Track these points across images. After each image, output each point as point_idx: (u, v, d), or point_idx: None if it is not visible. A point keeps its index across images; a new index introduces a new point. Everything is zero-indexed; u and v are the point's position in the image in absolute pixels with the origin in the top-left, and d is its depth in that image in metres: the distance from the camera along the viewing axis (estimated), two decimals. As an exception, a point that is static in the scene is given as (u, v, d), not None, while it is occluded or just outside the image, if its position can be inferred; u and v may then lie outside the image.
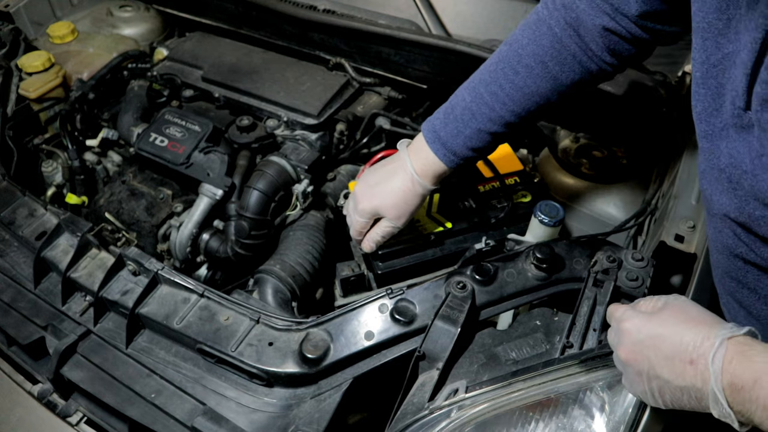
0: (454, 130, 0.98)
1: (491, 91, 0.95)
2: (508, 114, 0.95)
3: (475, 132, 0.96)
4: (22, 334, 1.04)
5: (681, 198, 1.00)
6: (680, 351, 0.62)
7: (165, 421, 0.92)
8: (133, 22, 1.77)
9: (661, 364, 0.64)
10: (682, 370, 0.62)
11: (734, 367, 0.58)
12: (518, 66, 0.93)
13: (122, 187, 1.39)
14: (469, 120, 0.97)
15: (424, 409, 0.82)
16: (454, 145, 0.98)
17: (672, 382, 0.63)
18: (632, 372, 0.69)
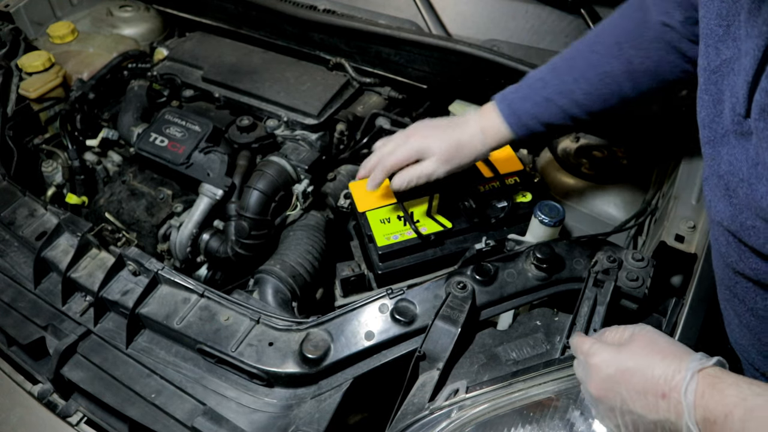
0: (523, 95, 0.99)
1: (568, 65, 0.95)
2: (578, 91, 0.94)
3: (543, 100, 0.96)
4: (23, 334, 1.04)
5: (681, 198, 1.00)
6: (652, 385, 0.62)
7: (165, 421, 0.92)
8: (133, 22, 1.77)
9: (633, 399, 0.63)
10: (655, 404, 0.61)
11: (706, 401, 0.57)
12: (596, 45, 0.93)
13: (122, 187, 1.39)
14: (540, 88, 0.97)
15: (425, 409, 0.82)
16: (520, 109, 0.98)
17: (645, 417, 0.63)
18: (604, 408, 0.67)
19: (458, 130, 1.03)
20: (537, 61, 1.29)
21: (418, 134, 1.04)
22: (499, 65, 1.28)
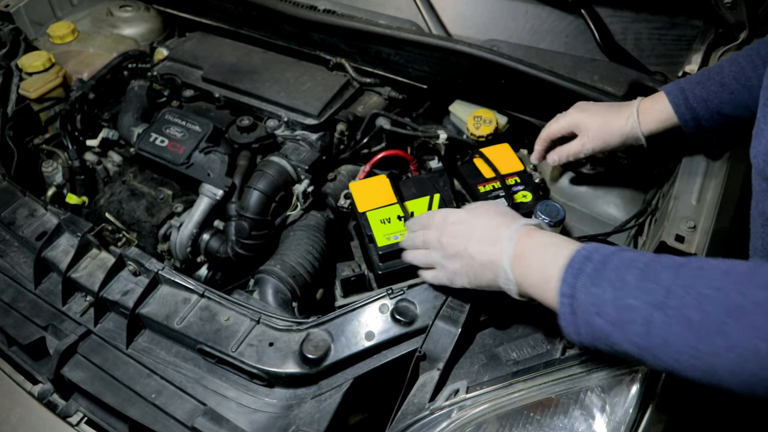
0: (697, 80, 0.96)
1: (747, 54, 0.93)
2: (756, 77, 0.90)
3: (717, 85, 0.93)
4: (23, 334, 1.04)
5: (681, 198, 1.00)
6: (488, 235, 0.79)
7: (165, 421, 0.92)
8: (133, 22, 1.77)
9: (473, 244, 0.80)
10: (487, 248, 0.78)
11: (520, 244, 0.75)
12: None
13: (122, 187, 1.39)
14: (716, 74, 0.94)
15: (425, 409, 0.82)
16: (689, 91, 0.95)
17: (477, 259, 0.79)
18: (449, 255, 0.83)
19: (614, 110, 1.03)
20: (537, 61, 1.29)
21: (577, 108, 1.07)
22: (499, 65, 1.28)
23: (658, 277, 0.61)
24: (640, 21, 1.34)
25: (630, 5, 1.34)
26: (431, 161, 1.38)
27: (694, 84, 0.96)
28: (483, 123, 1.37)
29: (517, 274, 0.75)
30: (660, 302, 0.60)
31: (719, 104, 0.94)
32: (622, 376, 0.80)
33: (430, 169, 1.37)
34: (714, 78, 0.95)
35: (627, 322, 0.62)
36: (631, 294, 0.62)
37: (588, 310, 0.65)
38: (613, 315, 0.63)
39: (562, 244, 0.73)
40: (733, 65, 0.94)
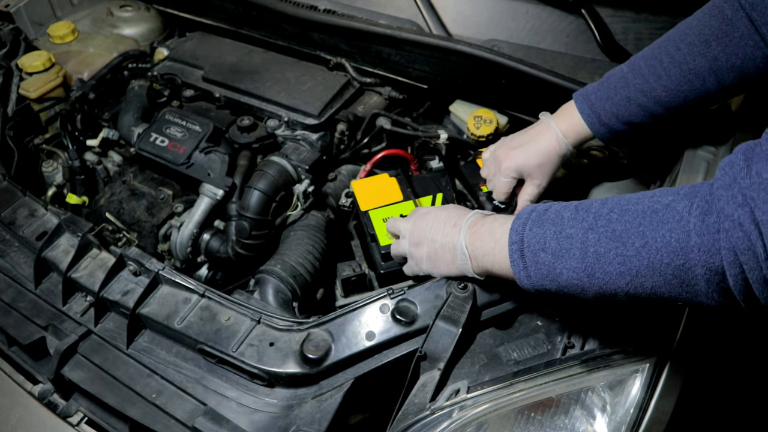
0: (605, 95, 1.01)
1: (649, 63, 0.97)
2: (660, 88, 0.95)
3: (625, 100, 0.99)
4: (23, 334, 1.04)
5: (682, 198, 1.00)
6: (449, 222, 0.90)
7: (166, 421, 0.92)
8: (134, 22, 1.77)
9: (436, 231, 0.91)
10: (448, 231, 0.89)
11: (475, 224, 0.86)
12: (681, 43, 0.94)
13: (123, 187, 1.38)
14: (622, 87, 0.99)
15: (426, 409, 0.82)
16: (600, 109, 1.01)
17: (438, 241, 0.91)
18: (415, 242, 0.95)
19: (542, 140, 1.07)
20: (537, 61, 1.29)
21: (508, 159, 1.09)
22: (499, 65, 1.28)
23: (590, 208, 0.72)
24: (641, 21, 1.34)
25: (630, 5, 1.34)
26: (432, 161, 1.38)
27: (603, 99, 1.01)
28: (483, 123, 1.37)
29: (471, 248, 0.85)
30: (591, 225, 0.69)
31: (629, 116, 1.00)
32: (623, 376, 0.80)
33: (431, 168, 1.37)
34: (620, 92, 0.99)
35: (566, 249, 0.71)
36: (568, 225, 0.72)
37: (534, 248, 0.75)
38: (555, 245, 0.72)
39: (506, 218, 0.83)
40: (636, 77, 0.98)
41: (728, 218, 0.58)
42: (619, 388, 0.79)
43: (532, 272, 0.75)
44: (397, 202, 1.17)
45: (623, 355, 0.83)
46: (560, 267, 0.72)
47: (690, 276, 0.62)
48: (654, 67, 0.96)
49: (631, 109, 0.99)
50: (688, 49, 0.93)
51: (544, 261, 0.73)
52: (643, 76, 0.97)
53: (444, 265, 0.91)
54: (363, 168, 1.36)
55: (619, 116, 1.00)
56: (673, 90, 0.95)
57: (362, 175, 1.34)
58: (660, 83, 0.96)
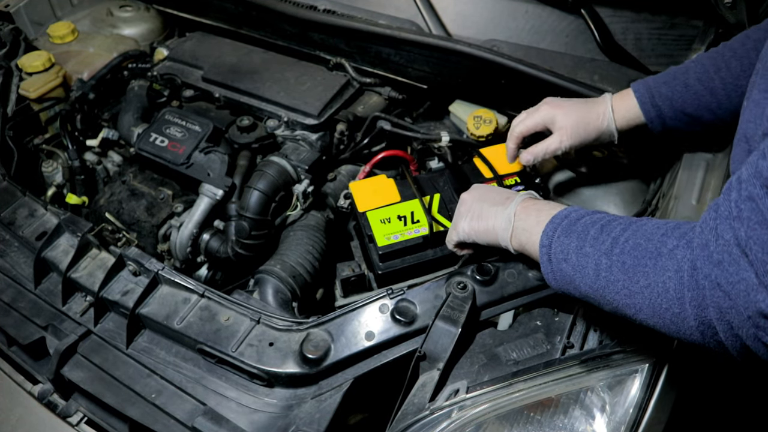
0: (663, 79, 1.00)
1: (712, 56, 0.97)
2: (718, 79, 0.94)
3: (682, 85, 0.97)
4: (23, 334, 1.04)
5: (681, 198, 1.00)
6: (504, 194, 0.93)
7: (165, 421, 0.92)
8: (133, 22, 1.77)
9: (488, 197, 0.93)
10: (500, 200, 0.91)
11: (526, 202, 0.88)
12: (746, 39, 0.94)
13: (122, 187, 1.38)
14: (682, 74, 0.98)
15: (425, 409, 0.82)
16: (656, 90, 1.00)
17: (488, 207, 0.92)
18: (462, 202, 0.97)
19: (588, 106, 1.05)
20: (537, 61, 1.29)
21: (549, 104, 1.08)
22: (499, 65, 1.28)
23: (612, 231, 0.72)
24: (640, 21, 1.34)
25: (630, 5, 1.34)
26: (431, 161, 1.38)
27: (660, 83, 1.00)
28: (483, 123, 1.37)
29: (517, 219, 0.86)
30: (607, 250, 0.71)
31: (683, 104, 0.98)
32: (623, 375, 0.80)
33: (431, 169, 1.37)
34: (679, 78, 0.98)
35: (583, 267, 0.73)
36: (588, 243, 0.73)
37: (558, 257, 0.77)
38: (575, 261, 0.74)
39: (554, 206, 0.84)
40: (698, 66, 0.98)
41: (707, 278, 0.58)
42: (618, 388, 0.79)
43: (558, 277, 0.78)
44: (395, 203, 1.17)
45: (622, 355, 0.83)
46: (578, 281, 0.74)
47: (686, 326, 0.62)
48: (715, 60, 0.96)
49: (686, 96, 0.97)
50: (753, 45, 0.92)
51: (566, 271, 0.76)
52: (703, 66, 0.96)
53: (482, 230, 0.91)
54: (362, 169, 1.35)
55: (674, 102, 0.98)
56: (730, 83, 0.93)
57: (361, 176, 1.34)
58: (719, 75, 0.94)
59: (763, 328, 0.54)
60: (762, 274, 0.53)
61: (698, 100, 0.97)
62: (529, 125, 1.09)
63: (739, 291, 0.55)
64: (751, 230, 0.54)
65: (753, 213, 0.54)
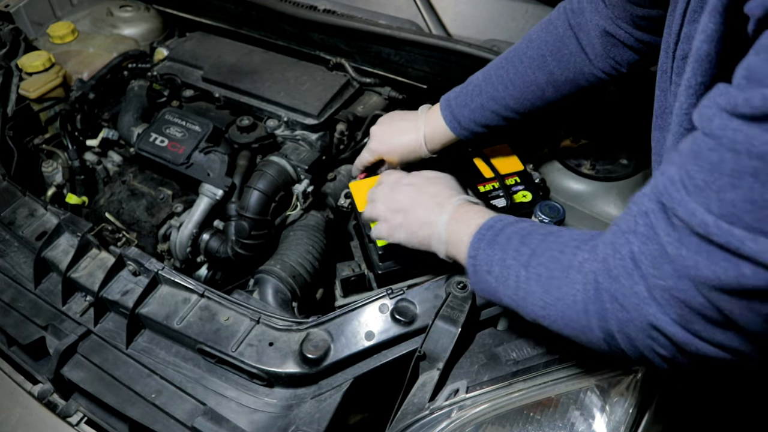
0: (462, 102, 1.09)
1: (499, 74, 1.06)
2: (509, 97, 1.05)
3: (479, 107, 1.08)
4: (23, 334, 1.04)
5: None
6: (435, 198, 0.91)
7: (165, 421, 0.92)
8: (133, 22, 1.77)
9: (419, 203, 0.91)
10: (431, 208, 0.89)
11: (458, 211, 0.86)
12: (523, 56, 1.03)
13: (122, 187, 1.39)
14: (477, 95, 1.08)
15: (425, 409, 0.82)
16: (459, 115, 1.10)
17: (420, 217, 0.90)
18: (394, 209, 0.94)
19: (407, 137, 1.16)
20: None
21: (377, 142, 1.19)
22: (499, 65, 1.28)
23: (531, 242, 0.73)
24: (640, 21, 1.34)
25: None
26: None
27: (461, 107, 1.10)
28: (483, 123, 1.37)
29: (448, 235, 0.86)
30: (526, 262, 0.71)
31: (485, 120, 1.09)
32: (622, 376, 0.80)
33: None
34: (475, 100, 1.08)
35: (505, 279, 0.74)
36: (510, 255, 0.74)
37: (483, 268, 0.77)
38: (498, 272, 0.75)
39: (483, 214, 0.84)
40: (488, 84, 1.08)
41: (606, 291, 0.60)
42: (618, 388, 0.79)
43: (482, 288, 0.79)
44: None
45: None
46: (501, 292, 0.75)
47: (593, 336, 0.64)
48: (502, 78, 1.05)
49: (486, 114, 1.08)
50: (529, 62, 1.02)
51: (490, 283, 0.77)
52: (493, 85, 1.06)
53: (418, 240, 0.91)
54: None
55: (477, 121, 1.09)
56: (519, 99, 1.05)
57: (361, 177, 1.34)
58: (507, 92, 1.05)
59: (656, 339, 0.57)
60: (652, 287, 0.54)
61: (497, 115, 1.08)
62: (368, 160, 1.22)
63: (633, 304, 0.57)
64: (643, 245, 0.55)
65: (646, 228, 0.55)
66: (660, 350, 0.57)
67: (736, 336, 0.52)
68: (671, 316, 0.54)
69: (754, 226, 0.45)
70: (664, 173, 0.54)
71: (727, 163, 0.46)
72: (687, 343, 0.54)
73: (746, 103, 0.44)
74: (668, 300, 0.53)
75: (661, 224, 0.53)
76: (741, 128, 0.45)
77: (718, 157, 0.47)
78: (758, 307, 0.49)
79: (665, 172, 0.54)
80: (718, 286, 0.49)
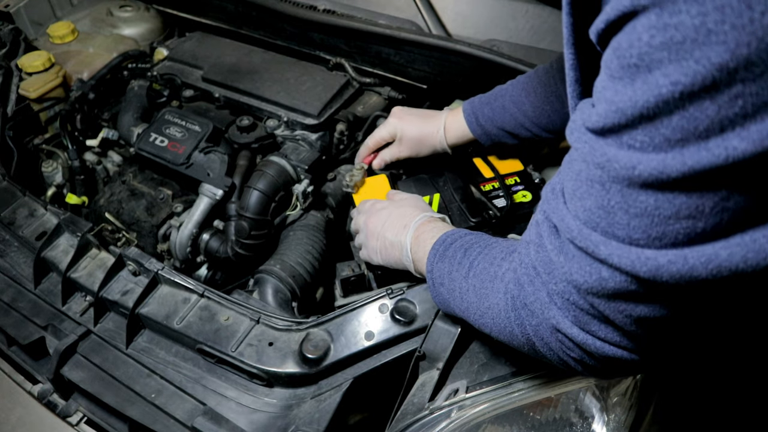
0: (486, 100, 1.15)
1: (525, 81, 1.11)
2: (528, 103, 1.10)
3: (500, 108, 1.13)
4: (22, 334, 1.04)
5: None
6: (400, 221, 0.96)
7: (165, 421, 0.92)
8: (133, 22, 1.77)
9: (388, 227, 0.97)
10: (398, 230, 0.95)
11: (419, 229, 0.92)
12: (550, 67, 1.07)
13: (122, 187, 1.38)
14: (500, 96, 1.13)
15: (425, 409, 0.82)
16: (479, 112, 1.15)
17: (389, 239, 0.96)
18: (370, 234, 1.01)
19: (427, 121, 1.20)
20: (537, 61, 1.29)
21: (396, 117, 1.22)
22: (499, 65, 1.28)
23: (470, 255, 0.76)
24: (640, 21, 1.34)
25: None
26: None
27: (483, 104, 1.15)
28: (483, 123, 1.37)
29: (413, 252, 0.91)
30: (465, 273, 0.75)
31: (502, 123, 1.13)
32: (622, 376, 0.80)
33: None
34: (498, 100, 1.13)
35: (452, 290, 0.78)
36: (455, 268, 0.77)
37: (437, 281, 0.82)
38: (447, 285, 0.79)
39: (440, 229, 0.88)
40: (514, 89, 1.12)
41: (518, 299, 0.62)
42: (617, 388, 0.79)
43: (439, 301, 0.84)
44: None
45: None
46: (451, 303, 0.79)
47: (519, 342, 0.66)
48: (527, 85, 1.10)
49: (504, 116, 1.12)
50: (554, 74, 1.05)
51: (443, 294, 0.81)
52: (517, 91, 1.11)
53: (393, 261, 0.97)
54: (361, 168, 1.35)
55: (494, 121, 1.13)
56: (538, 107, 1.08)
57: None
58: (528, 99, 1.09)
59: (563, 342, 0.59)
60: (551, 292, 0.57)
61: (514, 120, 1.11)
62: (377, 139, 1.24)
63: (538, 309, 0.59)
64: (537, 253, 0.58)
65: (537, 237, 0.59)
66: (569, 352, 0.59)
67: (623, 336, 0.54)
68: (569, 318, 0.56)
69: (606, 230, 0.48)
70: (549, 183, 0.58)
71: (583, 172, 0.50)
72: (587, 344, 0.56)
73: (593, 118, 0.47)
74: (564, 303, 0.56)
75: (546, 232, 0.57)
76: (589, 141, 0.48)
77: (578, 167, 0.50)
78: (623, 307, 0.51)
79: (550, 183, 0.58)
80: (589, 290, 0.52)
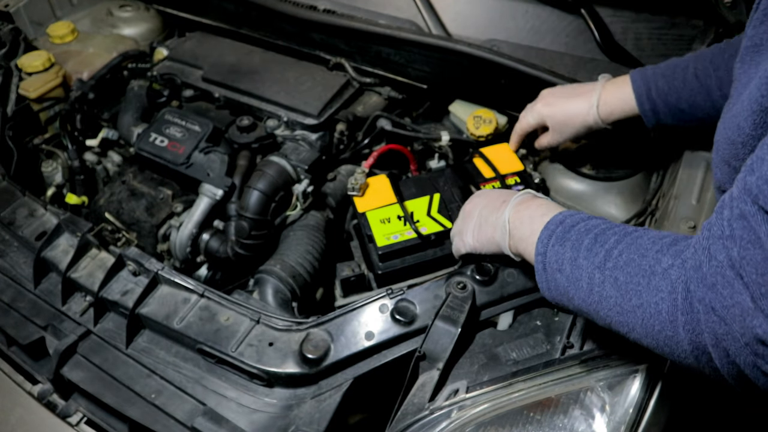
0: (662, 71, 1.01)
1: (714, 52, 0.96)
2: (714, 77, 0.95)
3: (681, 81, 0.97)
4: (22, 334, 1.04)
5: (681, 198, 1.00)
6: (501, 197, 0.92)
7: (165, 421, 0.92)
8: (133, 22, 1.77)
9: (486, 204, 0.93)
10: (497, 206, 0.90)
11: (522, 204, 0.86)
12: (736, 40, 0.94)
13: (122, 187, 1.38)
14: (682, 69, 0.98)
15: (425, 409, 0.82)
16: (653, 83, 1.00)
17: (486, 215, 0.91)
18: (466, 215, 0.97)
19: (577, 99, 1.10)
20: (537, 61, 1.29)
21: (542, 102, 1.15)
22: (499, 65, 1.28)
23: (606, 242, 0.69)
24: (640, 21, 1.34)
25: (630, 5, 1.34)
26: (431, 161, 1.38)
27: (659, 76, 1.01)
28: (483, 123, 1.37)
29: (512, 227, 0.84)
30: (600, 263, 0.68)
31: (678, 100, 0.98)
32: (622, 375, 0.80)
33: (431, 168, 1.37)
34: (679, 73, 0.98)
35: (577, 279, 0.70)
36: (582, 254, 0.70)
37: (553, 266, 0.74)
38: (569, 272, 0.72)
39: (550, 208, 0.82)
40: (698, 62, 0.97)
41: (701, 301, 0.55)
42: (618, 388, 0.79)
43: (552, 287, 0.76)
44: (395, 203, 1.16)
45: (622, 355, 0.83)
46: (572, 293, 0.72)
47: (680, 349, 0.60)
48: (714, 57, 0.95)
49: (682, 92, 0.97)
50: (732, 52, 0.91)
51: (561, 282, 0.73)
52: (703, 63, 0.96)
53: (486, 239, 0.91)
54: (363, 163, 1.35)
55: (669, 96, 0.98)
56: (726, 84, 0.91)
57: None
58: (716, 74, 0.94)
59: (762, 356, 0.51)
60: (758, 297, 0.49)
61: (693, 97, 0.97)
62: (524, 126, 1.19)
63: (734, 315, 0.52)
64: (744, 250, 0.51)
65: (745, 232, 0.51)
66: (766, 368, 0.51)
67: None
68: None
69: None
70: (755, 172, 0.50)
71: None
72: None
73: None
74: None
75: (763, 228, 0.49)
76: None
77: None
78: None
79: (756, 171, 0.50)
80: None
